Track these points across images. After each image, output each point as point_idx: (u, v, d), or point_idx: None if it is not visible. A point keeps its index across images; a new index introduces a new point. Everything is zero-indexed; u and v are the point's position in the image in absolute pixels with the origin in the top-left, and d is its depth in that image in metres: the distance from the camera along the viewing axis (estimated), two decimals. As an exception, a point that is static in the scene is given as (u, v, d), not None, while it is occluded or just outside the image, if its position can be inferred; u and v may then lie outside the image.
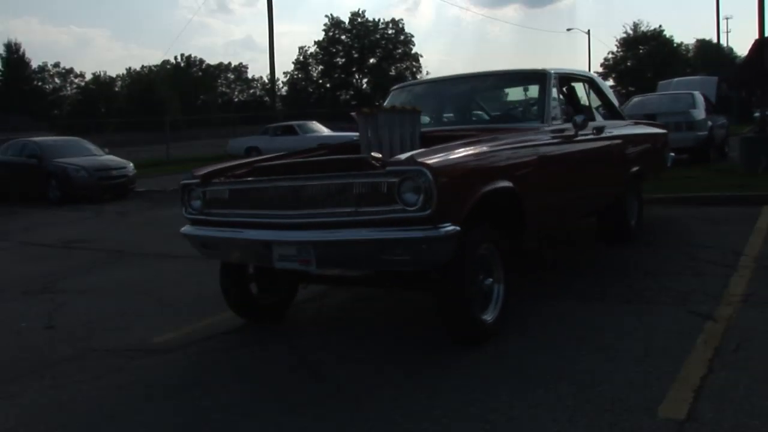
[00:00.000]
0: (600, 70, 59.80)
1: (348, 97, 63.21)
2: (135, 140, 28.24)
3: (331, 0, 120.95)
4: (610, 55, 60.96)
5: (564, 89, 5.65)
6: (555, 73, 4.84)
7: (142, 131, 32.83)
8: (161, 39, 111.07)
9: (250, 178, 4.01)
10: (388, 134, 4.33)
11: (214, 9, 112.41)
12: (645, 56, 57.43)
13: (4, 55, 57.15)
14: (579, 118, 4.64)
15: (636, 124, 6.45)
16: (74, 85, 71.24)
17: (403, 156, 3.24)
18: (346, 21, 62.97)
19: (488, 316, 3.60)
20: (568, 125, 4.68)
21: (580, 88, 5.69)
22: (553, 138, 4.49)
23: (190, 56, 71.34)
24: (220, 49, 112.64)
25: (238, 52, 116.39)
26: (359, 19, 62.75)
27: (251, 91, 72.97)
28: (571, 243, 6.19)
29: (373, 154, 3.31)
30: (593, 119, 5.51)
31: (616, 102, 6.04)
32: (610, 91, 6.05)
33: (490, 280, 3.64)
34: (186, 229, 4.13)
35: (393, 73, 62.38)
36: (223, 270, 4.27)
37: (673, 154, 7.31)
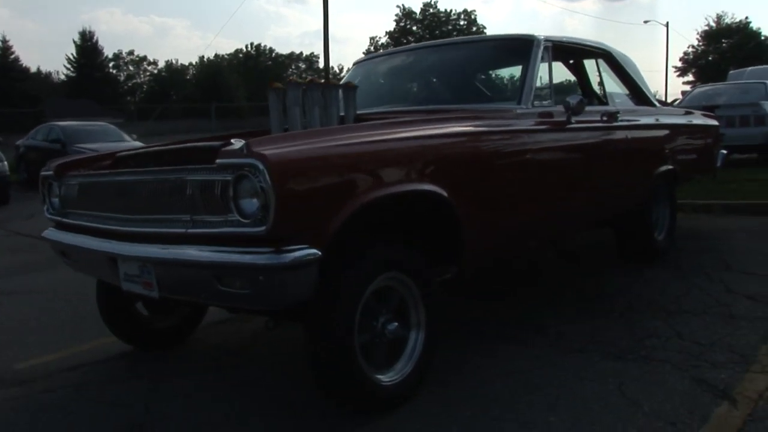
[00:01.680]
0: (678, 64, 56.24)
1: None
2: (200, 127, 28.35)
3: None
4: (691, 49, 57.21)
5: (568, 63, 4.46)
6: (546, 42, 3.65)
7: (205, 118, 33.08)
8: (238, 29, 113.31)
9: (92, 171, 3.06)
10: (305, 115, 3.29)
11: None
12: (728, 50, 53.41)
13: (78, 43, 58.87)
14: (573, 100, 3.45)
15: (671, 113, 5.12)
16: (147, 73, 73.43)
17: (239, 143, 2.19)
18: (418, 11, 62.40)
19: (390, 376, 2.52)
20: (559, 108, 3.50)
21: (591, 65, 4.45)
22: (534, 124, 3.33)
23: (260, 45, 71.95)
24: (296, 40, 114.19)
25: (312, 43, 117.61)
26: (431, 10, 61.97)
27: (322, 80, 72.77)
28: (574, 260, 4.96)
29: (233, 140, 2.29)
30: (604, 103, 4.27)
31: (644, 84, 4.75)
32: (637, 70, 4.77)
33: (396, 324, 2.54)
34: (47, 232, 3.24)
35: None
36: (98, 283, 3.37)
37: (725, 151, 5.91)
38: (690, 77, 54.43)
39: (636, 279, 4.21)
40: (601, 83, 4.31)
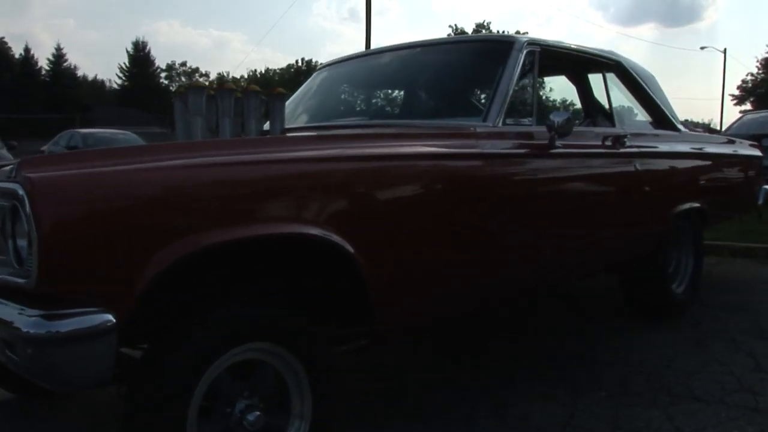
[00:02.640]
0: (736, 92, 53.95)
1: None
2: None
3: (457, 9, 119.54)
4: (749, 77, 54.88)
5: (566, 75, 3.71)
6: (530, 45, 2.93)
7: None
8: (292, 44, 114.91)
9: None
10: (214, 125, 2.66)
11: (346, 17, 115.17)
12: (790, 78, 51.01)
13: (131, 53, 60.24)
14: (558, 117, 2.70)
15: (700, 140, 4.29)
16: (198, 85, 74.68)
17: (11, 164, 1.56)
18: (470, 32, 62.03)
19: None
20: (541, 129, 2.77)
21: (596, 80, 3.68)
22: (499, 148, 2.61)
23: (311, 60, 72.54)
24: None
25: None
26: (483, 31, 61.76)
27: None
28: (574, 307, 4.15)
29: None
30: (611, 124, 3.49)
31: (666, 104, 3.96)
32: (658, 87, 3.97)
33: (257, 414, 1.84)
34: None
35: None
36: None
37: (767, 186, 5.02)
38: (748, 106, 52.07)
39: (641, 341, 3.39)
40: (608, 101, 3.54)
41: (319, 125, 3.13)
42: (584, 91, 3.67)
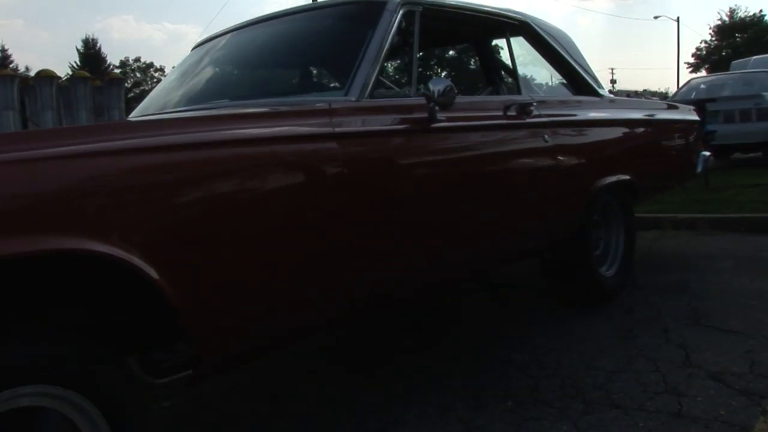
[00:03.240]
0: (691, 60, 54.35)
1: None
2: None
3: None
4: (703, 45, 55.22)
5: (472, 41, 3.29)
6: (406, 5, 2.48)
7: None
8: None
9: None
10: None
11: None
12: (742, 45, 51.31)
13: (81, 51, 58.34)
14: (437, 86, 2.26)
15: (626, 106, 3.90)
16: (154, 79, 72.90)
17: None
18: None
19: None
20: (421, 101, 2.33)
21: (503, 44, 3.25)
22: (363, 126, 2.17)
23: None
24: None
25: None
26: None
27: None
28: (501, 296, 3.75)
29: None
30: (517, 91, 3.07)
31: (585, 67, 3.55)
32: (575, 48, 3.56)
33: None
34: None
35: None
36: None
37: (707, 153, 4.67)
38: (703, 73, 52.55)
39: (563, 336, 3.01)
40: (512, 66, 3.11)
41: (171, 111, 2.65)
42: (485, 56, 3.25)
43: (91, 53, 59.47)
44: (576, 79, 3.48)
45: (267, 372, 2.90)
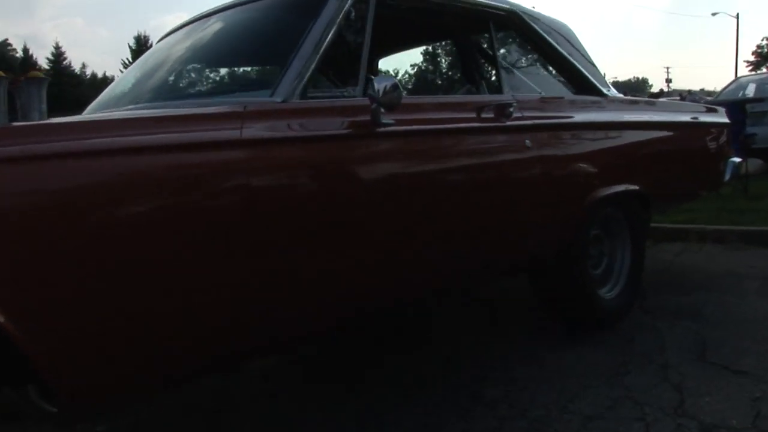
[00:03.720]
0: (751, 58, 52.01)
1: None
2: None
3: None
4: (765, 42, 52.81)
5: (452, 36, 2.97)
6: (357, -13, 2.18)
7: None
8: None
9: None
10: None
11: None
12: (810, 40, 48.94)
13: (133, 48, 59.78)
14: (381, 84, 1.96)
15: (636, 108, 3.48)
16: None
17: None
18: None
19: None
20: (365, 101, 2.03)
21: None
22: (278, 131, 1.87)
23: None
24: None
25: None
26: None
27: None
28: (488, 313, 3.38)
29: None
30: (498, 90, 2.72)
31: (586, 63, 3.16)
32: (575, 41, 3.18)
33: None
34: None
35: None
36: None
37: (737, 159, 4.20)
38: (764, 71, 50.29)
39: (546, 365, 2.65)
40: (494, 61, 2.76)
41: (101, 112, 2.41)
42: (464, 51, 2.90)
43: (143, 50, 61.03)
44: (574, 76, 3.10)
45: (196, 394, 2.64)
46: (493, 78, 2.79)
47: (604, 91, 3.17)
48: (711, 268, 4.01)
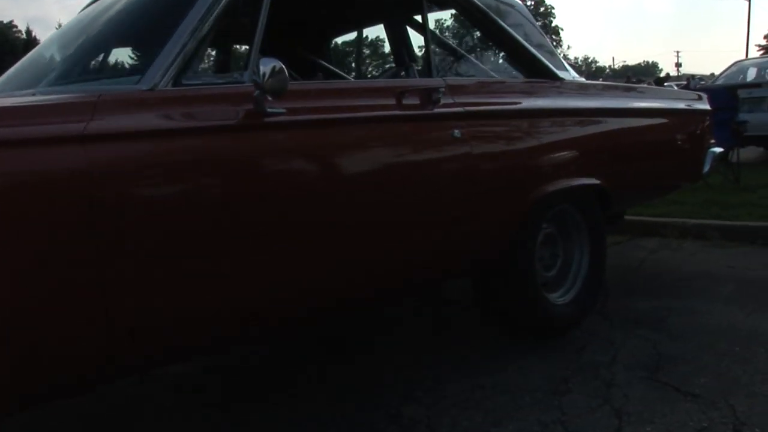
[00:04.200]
0: (763, 42, 51.11)
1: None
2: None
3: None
4: (779, 23, 52.05)
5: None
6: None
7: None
8: None
9: None
10: None
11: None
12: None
13: None
14: (267, 65, 1.68)
15: (601, 93, 3.16)
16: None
17: None
18: None
19: None
20: (248, 88, 1.75)
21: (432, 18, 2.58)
22: (141, 123, 1.59)
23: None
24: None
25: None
26: None
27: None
28: (420, 327, 3.09)
29: None
30: (425, 74, 2.42)
31: (540, 45, 2.84)
32: (528, 21, 2.87)
33: None
34: None
35: None
36: None
37: (719, 149, 3.88)
38: (772, 54, 49.39)
39: (481, 380, 2.37)
40: (425, 42, 2.45)
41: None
42: (393, 28, 2.60)
43: None
44: (524, 58, 2.79)
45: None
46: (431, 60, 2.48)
47: (560, 74, 2.85)
48: (685, 269, 3.70)
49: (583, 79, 3.19)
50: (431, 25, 2.63)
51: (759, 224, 4.22)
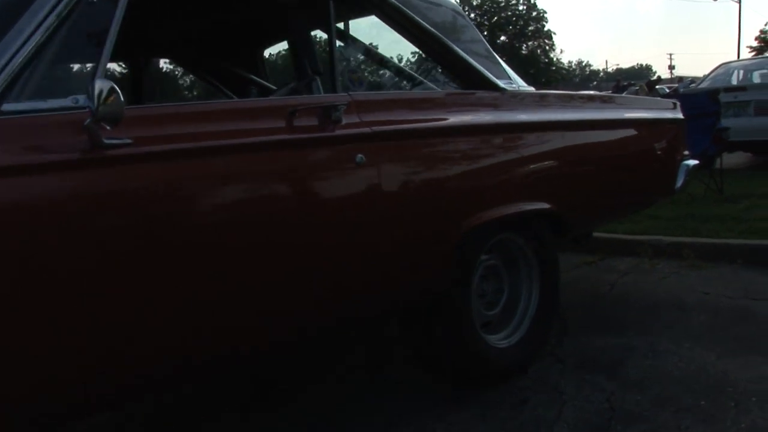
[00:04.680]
0: (754, 44, 50.72)
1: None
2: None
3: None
4: (768, 27, 51.62)
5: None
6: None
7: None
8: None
9: None
10: None
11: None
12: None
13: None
14: (100, 86, 1.34)
15: (551, 104, 2.81)
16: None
17: None
18: None
19: None
20: (81, 114, 1.40)
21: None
22: None
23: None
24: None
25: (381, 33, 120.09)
26: None
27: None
28: (352, 370, 2.73)
29: None
30: (333, 88, 2.07)
31: (474, 52, 2.48)
32: (464, 25, 2.51)
33: None
34: None
35: (525, 51, 57.40)
36: None
37: (692, 162, 3.52)
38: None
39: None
40: (330, 53, 2.09)
41: None
42: (295, 38, 2.24)
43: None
44: (458, 67, 2.43)
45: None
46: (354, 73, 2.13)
47: (500, 84, 2.50)
48: (656, 296, 3.34)
49: (531, 89, 2.83)
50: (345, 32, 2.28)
51: (739, 242, 3.86)
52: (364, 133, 1.93)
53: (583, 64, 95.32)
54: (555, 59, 61.54)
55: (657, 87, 15.91)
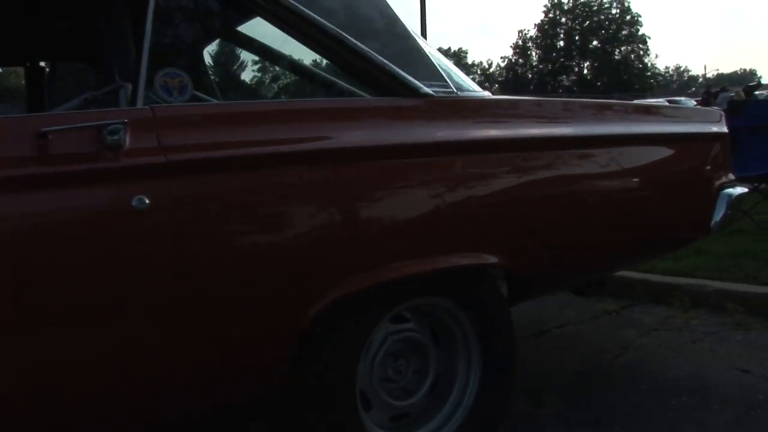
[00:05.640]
0: None
1: (569, 82, 58.95)
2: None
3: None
4: None
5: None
6: None
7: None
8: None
9: None
10: None
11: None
12: None
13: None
14: None
15: (546, 106, 2.07)
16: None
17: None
18: (568, 1, 59.66)
19: None
20: None
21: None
22: None
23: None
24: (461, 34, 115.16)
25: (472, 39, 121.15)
26: (581, 0, 58.71)
27: (471, 76, 70.37)
28: None
29: None
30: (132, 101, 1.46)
31: (380, 45, 1.80)
32: (387, 16, 1.84)
33: None
34: None
35: (617, 56, 57.69)
36: None
37: (740, 189, 2.64)
38: None
39: None
40: (138, 52, 1.48)
41: None
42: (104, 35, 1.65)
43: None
44: (362, 69, 1.76)
45: None
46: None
47: (423, 89, 1.79)
48: (675, 370, 2.50)
49: (487, 94, 2.12)
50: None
51: (750, 290, 2.94)
52: (153, 164, 1.31)
53: (681, 69, 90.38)
54: (650, 64, 58.82)
55: (756, 93, 14.44)
